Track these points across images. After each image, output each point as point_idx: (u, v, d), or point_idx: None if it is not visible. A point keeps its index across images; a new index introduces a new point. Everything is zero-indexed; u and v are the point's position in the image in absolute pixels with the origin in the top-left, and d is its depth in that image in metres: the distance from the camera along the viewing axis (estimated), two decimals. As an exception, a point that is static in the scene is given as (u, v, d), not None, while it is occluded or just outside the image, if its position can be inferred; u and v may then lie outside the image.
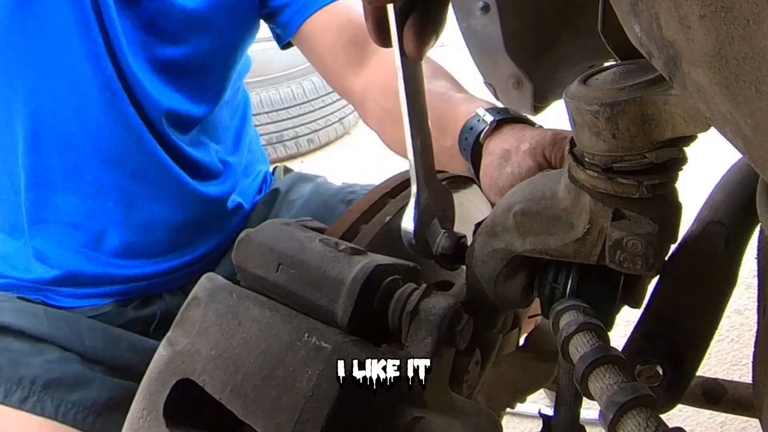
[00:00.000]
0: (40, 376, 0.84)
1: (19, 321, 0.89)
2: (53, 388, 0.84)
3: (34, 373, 0.84)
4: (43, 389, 0.83)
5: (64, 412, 0.83)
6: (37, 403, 0.83)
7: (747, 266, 0.51)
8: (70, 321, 0.92)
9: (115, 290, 0.97)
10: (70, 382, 0.85)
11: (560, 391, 0.47)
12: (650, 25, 0.25)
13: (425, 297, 0.42)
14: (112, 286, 0.97)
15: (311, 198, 1.13)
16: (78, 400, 0.85)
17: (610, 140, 0.37)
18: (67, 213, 0.92)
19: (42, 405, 0.83)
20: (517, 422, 1.55)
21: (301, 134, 3.40)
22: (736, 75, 0.21)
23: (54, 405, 0.83)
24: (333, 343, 0.39)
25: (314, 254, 0.44)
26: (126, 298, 0.98)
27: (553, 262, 0.47)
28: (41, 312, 0.91)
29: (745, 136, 0.23)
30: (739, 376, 1.59)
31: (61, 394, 0.84)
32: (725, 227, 0.50)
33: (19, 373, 0.83)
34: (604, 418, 0.32)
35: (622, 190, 0.39)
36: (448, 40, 0.74)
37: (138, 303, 0.99)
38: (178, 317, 0.47)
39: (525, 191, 0.46)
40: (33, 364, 0.85)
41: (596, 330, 0.37)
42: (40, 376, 0.84)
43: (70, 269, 0.94)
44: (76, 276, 0.95)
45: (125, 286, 0.97)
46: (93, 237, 0.94)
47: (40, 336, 0.88)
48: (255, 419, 0.38)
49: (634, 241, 0.39)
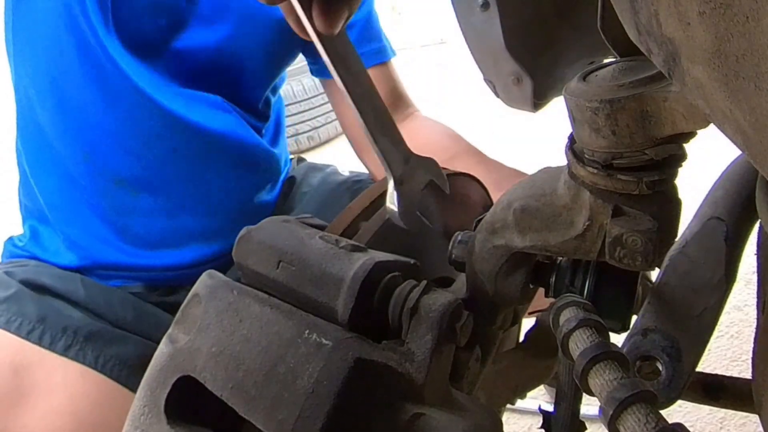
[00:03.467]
0: (82, 327, 0.89)
1: (57, 285, 0.94)
2: (93, 340, 0.89)
3: (76, 324, 0.90)
4: (85, 340, 0.89)
5: (102, 363, 0.89)
6: (79, 351, 0.88)
7: (746, 262, 0.51)
8: (104, 291, 0.97)
9: (141, 276, 1.02)
10: (107, 337, 0.91)
11: (560, 387, 0.47)
12: (649, 21, 0.25)
13: (425, 294, 0.42)
14: (138, 273, 1.01)
15: (320, 187, 1.15)
16: (115, 353, 0.90)
17: (610, 137, 0.37)
18: (91, 204, 0.95)
19: (84, 354, 0.88)
20: (518, 418, 1.55)
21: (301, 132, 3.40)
22: (735, 71, 0.21)
23: (94, 355, 0.89)
24: (333, 339, 0.39)
25: (314, 251, 0.44)
26: (151, 284, 1.02)
27: (569, 264, 0.47)
28: (77, 279, 0.97)
29: (745, 133, 0.23)
30: (738, 372, 1.59)
31: (101, 347, 0.89)
32: (725, 223, 0.51)
33: (63, 323, 0.89)
34: (604, 414, 0.33)
35: (621, 186, 0.39)
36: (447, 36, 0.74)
37: (164, 290, 1.03)
38: (178, 314, 0.47)
39: (525, 188, 0.46)
40: (75, 318, 0.91)
41: (596, 326, 0.37)
42: (82, 328, 0.89)
43: (97, 258, 0.99)
44: (104, 265, 1.00)
45: (150, 274, 1.02)
46: (118, 227, 0.98)
47: (77, 300, 0.94)
48: (256, 416, 0.38)
49: (633, 238, 0.39)
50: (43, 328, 0.87)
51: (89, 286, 0.97)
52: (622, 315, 0.45)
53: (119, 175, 0.95)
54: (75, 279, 0.97)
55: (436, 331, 0.41)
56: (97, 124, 0.91)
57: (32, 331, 0.87)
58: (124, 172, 0.95)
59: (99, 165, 0.94)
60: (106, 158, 0.94)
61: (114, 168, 0.95)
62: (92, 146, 0.93)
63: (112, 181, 0.95)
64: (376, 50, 1.07)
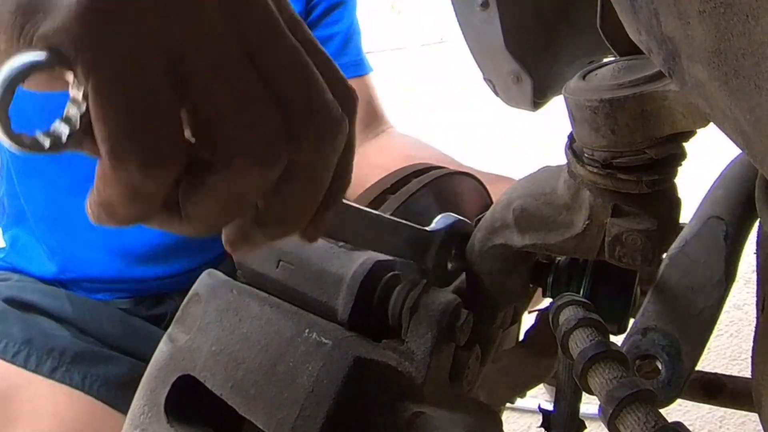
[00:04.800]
0: (68, 348, 0.87)
1: (42, 301, 0.92)
2: (78, 362, 0.87)
3: (63, 345, 0.87)
4: (72, 361, 0.87)
5: (89, 384, 0.87)
6: (66, 373, 0.86)
7: (746, 261, 0.51)
8: (91, 307, 0.95)
9: (129, 288, 1.00)
10: (94, 357, 0.89)
11: (560, 386, 0.47)
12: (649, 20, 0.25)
13: (425, 293, 0.42)
14: (126, 284, 0.99)
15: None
16: (102, 373, 0.88)
17: (610, 136, 0.37)
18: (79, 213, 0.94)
19: (70, 376, 0.86)
20: (517, 417, 1.55)
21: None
22: (735, 71, 0.21)
23: (80, 376, 0.86)
24: (333, 338, 0.39)
25: (314, 250, 0.44)
26: (139, 296, 1.00)
27: (566, 265, 0.47)
28: (63, 295, 0.95)
29: (744, 132, 0.23)
30: (738, 370, 1.59)
31: (87, 367, 0.87)
32: (724, 222, 0.51)
33: (49, 344, 0.87)
34: (604, 412, 0.33)
35: (621, 185, 0.39)
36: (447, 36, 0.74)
37: (151, 301, 1.01)
38: (178, 313, 0.47)
39: (525, 187, 0.46)
40: (61, 338, 0.89)
41: (596, 325, 0.37)
42: (69, 349, 0.87)
43: (82, 270, 0.97)
44: (90, 278, 0.97)
45: (138, 286, 1.00)
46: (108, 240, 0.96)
47: (63, 317, 0.92)
48: (256, 415, 0.38)
49: (633, 237, 0.39)
50: (28, 350, 0.86)
51: (76, 302, 0.95)
52: (619, 316, 0.45)
53: None
54: (60, 295, 0.95)
55: (435, 330, 0.41)
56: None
57: (18, 353, 0.85)
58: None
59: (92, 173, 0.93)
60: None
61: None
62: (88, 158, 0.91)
63: None
64: (353, 63, 1.07)
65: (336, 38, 1.05)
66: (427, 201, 0.57)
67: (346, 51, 1.06)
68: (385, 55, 3.88)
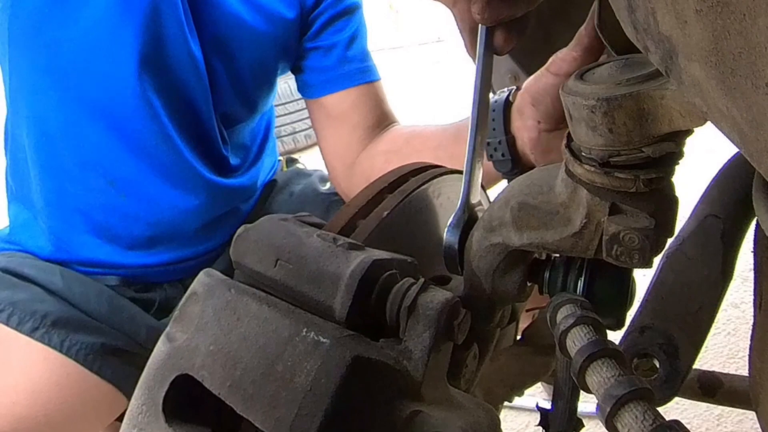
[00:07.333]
0: (51, 313, 0.92)
1: (36, 274, 0.97)
2: (60, 326, 0.92)
3: (46, 309, 0.93)
4: (53, 325, 0.91)
5: (68, 347, 0.91)
6: (45, 334, 0.90)
7: (743, 259, 0.52)
8: (82, 283, 1.00)
9: (118, 273, 1.04)
10: (76, 324, 0.94)
11: (558, 384, 0.47)
12: (646, 19, 0.25)
13: (423, 291, 0.42)
14: (115, 269, 1.04)
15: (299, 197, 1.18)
16: (82, 339, 0.93)
17: (607, 135, 0.38)
18: (76, 201, 0.97)
19: (49, 337, 0.91)
20: (515, 415, 1.56)
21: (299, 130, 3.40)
22: (732, 69, 0.21)
23: (59, 339, 0.91)
24: (331, 337, 0.39)
25: (312, 249, 0.44)
26: (128, 280, 1.05)
27: (563, 262, 0.47)
28: (57, 271, 1.00)
29: (741, 131, 0.23)
30: (735, 369, 1.59)
31: (67, 332, 0.92)
32: (722, 221, 0.51)
33: (34, 307, 0.92)
34: (602, 411, 0.33)
35: (618, 184, 0.39)
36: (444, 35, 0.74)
37: (140, 286, 1.06)
38: (176, 313, 0.47)
39: (522, 186, 0.46)
40: (47, 303, 0.94)
41: (593, 323, 0.37)
42: (51, 313, 0.92)
43: (75, 252, 1.02)
44: (82, 260, 1.02)
45: (127, 271, 1.05)
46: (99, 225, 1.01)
47: (54, 290, 0.97)
48: (254, 414, 0.38)
49: (630, 235, 0.39)
50: (12, 309, 0.90)
51: (68, 277, 0.99)
52: (616, 313, 0.45)
53: (113, 175, 0.96)
54: (55, 270, 1.00)
55: (433, 328, 0.41)
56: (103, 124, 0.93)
57: (1, 311, 0.90)
58: (119, 174, 0.96)
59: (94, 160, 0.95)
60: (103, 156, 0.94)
61: (110, 167, 0.96)
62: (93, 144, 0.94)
63: (104, 179, 0.96)
64: (364, 69, 1.09)
65: (340, 46, 1.06)
66: (425, 200, 0.57)
67: (352, 58, 1.07)
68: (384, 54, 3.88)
